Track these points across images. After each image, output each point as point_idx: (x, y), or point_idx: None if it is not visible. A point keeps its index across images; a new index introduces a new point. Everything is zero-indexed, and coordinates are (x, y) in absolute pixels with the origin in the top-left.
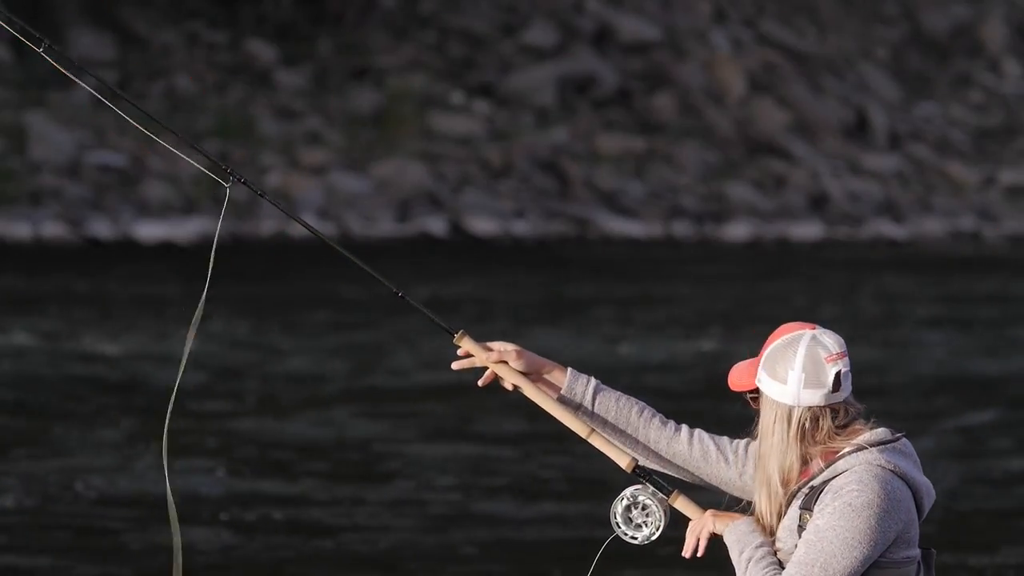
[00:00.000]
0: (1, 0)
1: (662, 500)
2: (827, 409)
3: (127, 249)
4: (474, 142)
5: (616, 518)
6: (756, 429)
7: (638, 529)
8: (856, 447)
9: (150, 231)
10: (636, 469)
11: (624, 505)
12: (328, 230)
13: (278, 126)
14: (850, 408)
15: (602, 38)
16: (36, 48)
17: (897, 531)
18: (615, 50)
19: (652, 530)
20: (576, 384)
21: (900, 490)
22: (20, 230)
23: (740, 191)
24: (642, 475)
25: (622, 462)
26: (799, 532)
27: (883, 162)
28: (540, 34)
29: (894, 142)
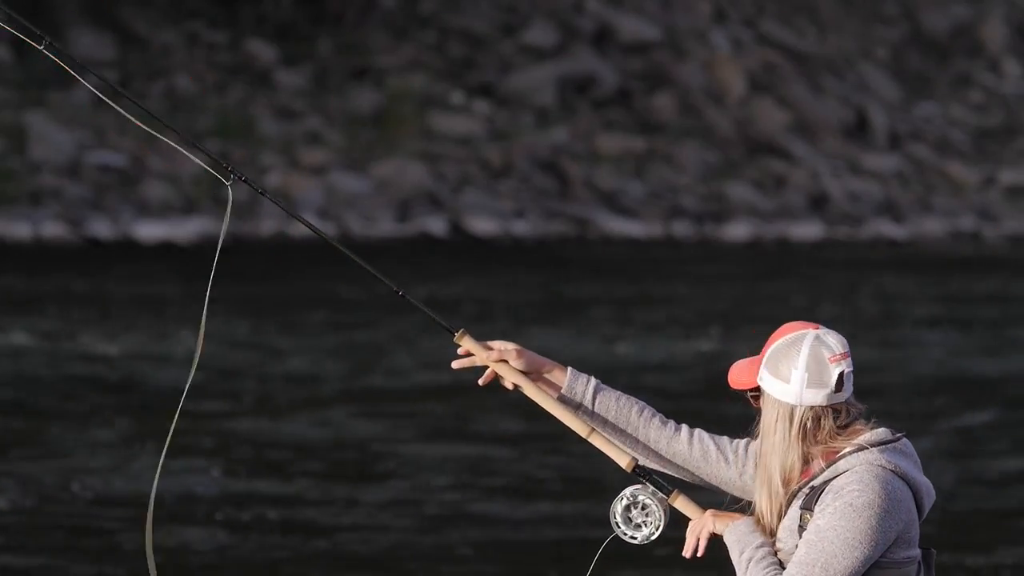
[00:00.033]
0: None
1: (662, 500)
2: (829, 409)
3: (127, 249)
4: (474, 142)
5: (615, 518)
6: (757, 428)
7: (637, 529)
8: (857, 447)
9: (150, 231)
10: (636, 469)
11: (624, 505)
12: (328, 230)
13: (278, 126)
14: (851, 408)
15: (602, 38)
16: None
17: (898, 531)
18: (615, 50)
19: (652, 530)
20: (576, 383)
21: (901, 490)
22: (20, 230)
23: (740, 191)
24: (642, 475)
25: (622, 462)
26: (799, 532)
27: (883, 162)
28: (540, 34)
29: (894, 142)
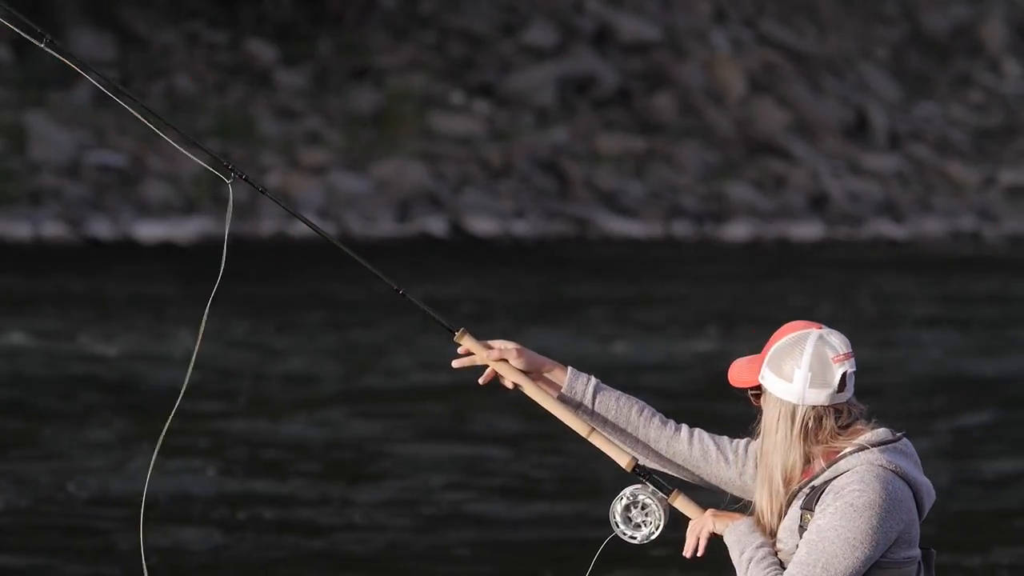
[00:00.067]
0: None
1: (662, 499)
2: (831, 409)
3: (127, 249)
4: (474, 142)
5: (615, 517)
6: (758, 427)
7: (637, 529)
8: (857, 447)
9: (150, 231)
10: (636, 468)
11: (624, 504)
12: (328, 230)
13: (278, 126)
14: (853, 409)
15: (602, 38)
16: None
17: (898, 531)
18: (615, 50)
19: (651, 529)
20: (576, 383)
21: (901, 490)
22: (20, 230)
23: (740, 191)
24: (642, 474)
25: (622, 461)
26: (800, 532)
27: (883, 162)
28: (540, 34)
29: (894, 142)
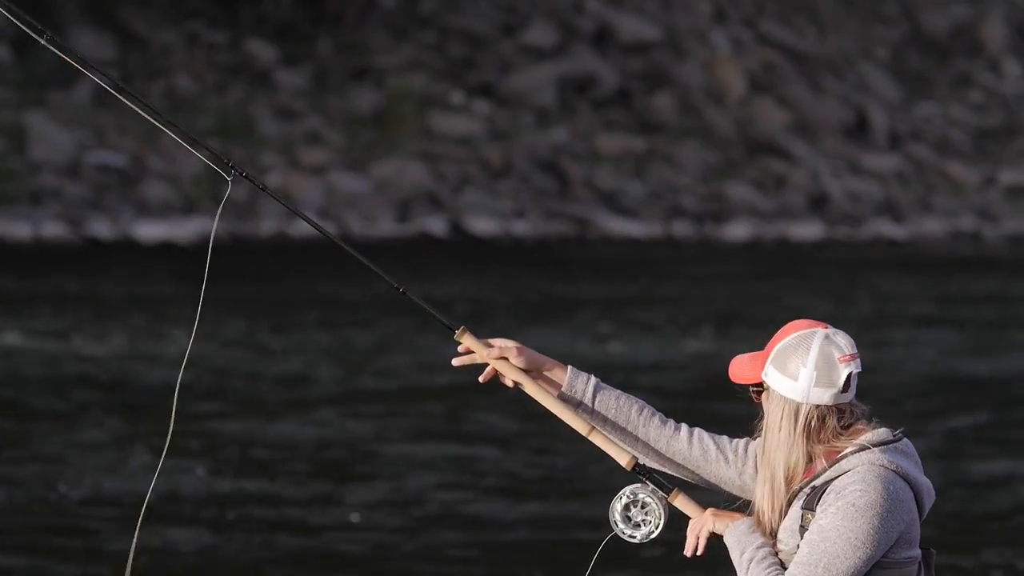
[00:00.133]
0: None
1: (662, 498)
2: (834, 408)
3: (127, 249)
4: (474, 142)
5: (615, 516)
6: (759, 425)
7: (637, 528)
8: (858, 447)
9: (150, 231)
10: (636, 467)
11: (623, 503)
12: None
13: (278, 126)
14: (855, 409)
15: (602, 38)
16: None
17: (899, 531)
18: (615, 50)
19: (651, 528)
20: (576, 382)
21: (902, 490)
22: (20, 230)
23: (740, 191)
24: (642, 473)
25: (622, 460)
26: (801, 532)
27: (883, 162)
28: (540, 34)
29: (894, 142)
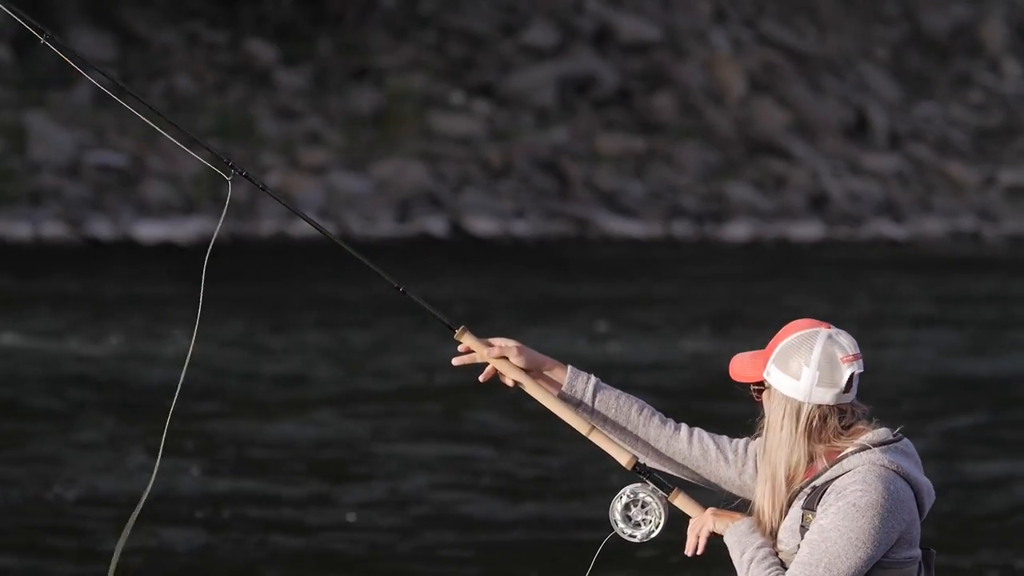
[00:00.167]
0: None
1: (662, 497)
2: (835, 408)
3: (127, 249)
4: (474, 142)
5: (615, 515)
6: (760, 424)
7: (637, 527)
8: (859, 447)
9: (150, 231)
10: (636, 466)
11: (624, 503)
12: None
13: (278, 126)
14: (856, 409)
15: (602, 38)
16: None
17: (900, 531)
18: (615, 50)
19: (651, 528)
20: (576, 381)
21: (903, 490)
22: (20, 230)
23: (740, 191)
24: (642, 472)
25: (622, 459)
26: (801, 532)
27: (883, 162)
28: (540, 34)
29: (894, 142)
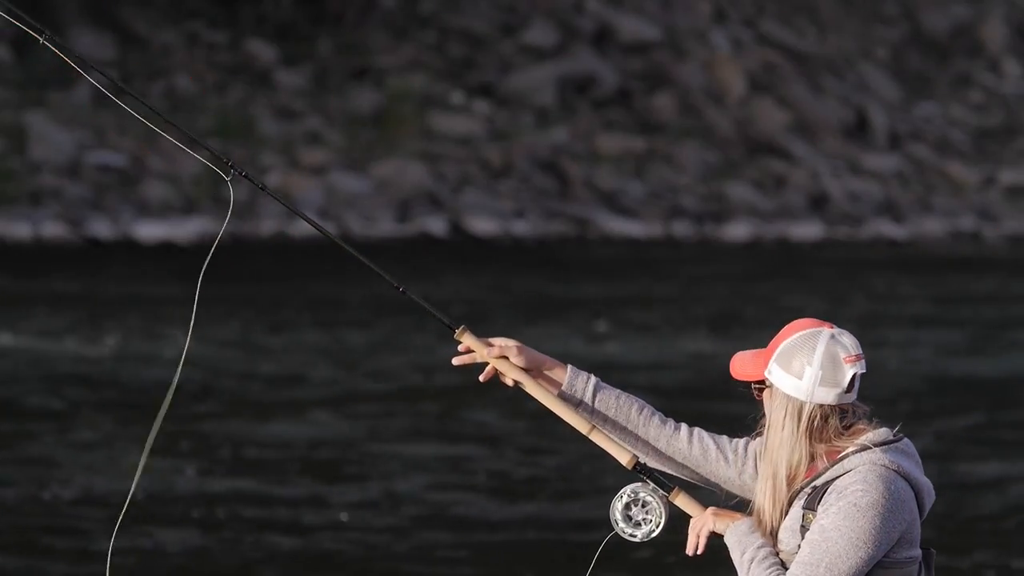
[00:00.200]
0: None
1: (663, 497)
2: (837, 408)
3: (127, 249)
4: (474, 142)
5: (616, 515)
6: (760, 422)
7: (637, 527)
8: (860, 447)
9: (150, 231)
10: (637, 466)
11: (624, 502)
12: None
13: (278, 126)
14: (857, 409)
15: (602, 38)
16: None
17: (901, 531)
18: (615, 50)
19: (652, 527)
20: (576, 381)
21: (904, 490)
22: (20, 230)
23: (740, 191)
24: (642, 472)
25: (623, 458)
26: (802, 532)
27: (883, 162)
28: (540, 34)
29: (894, 142)
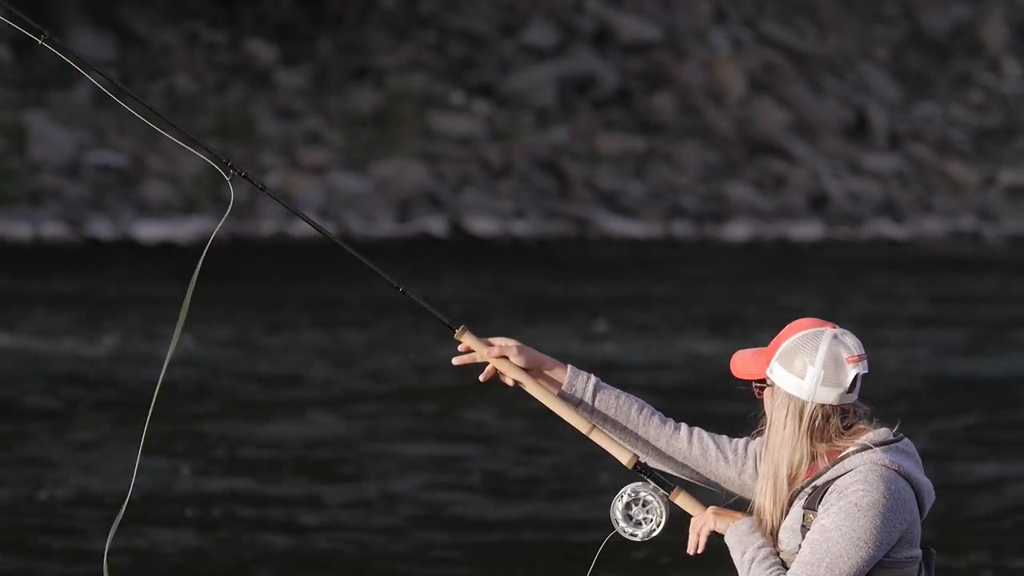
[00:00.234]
0: None
1: (663, 496)
2: (838, 408)
3: (127, 249)
4: (474, 142)
5: (616, 514)
6: (761, 421)
7: (638, 526)
8: (860, 447)
9: (150, 231)
10: (637, 465)
11: (625, 502)
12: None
13: (278, 126)
14: (858, 410)
15: (602, 38)
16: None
17: (901, 531)
18: (615, 50)
19: (653, 527)
20: (576, 381)
21: (904, 490)
22: (20, 230)
23: (740, 191)
24: (643, 471)
25: (623, 458)
26: (802, 532)
27: (883, 162)
28: (540, 34)
29: (894, 142)
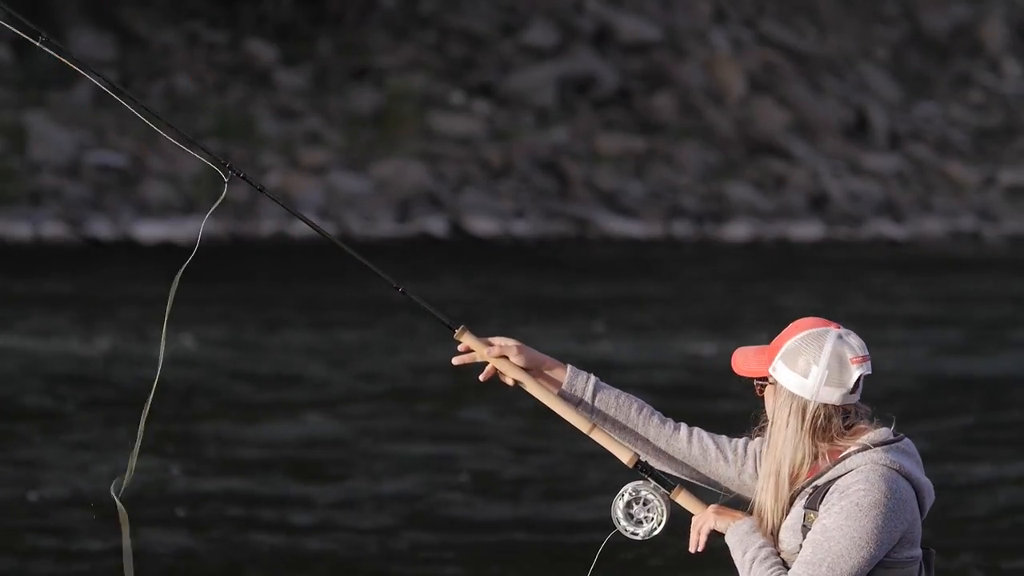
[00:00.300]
0: None
1: (664, 495)
2: (840, 408)
3: (127, 249)
4: (474, 142)
5: (617, 513)
6: (762, 420)
7: (639, 525)
8: (861, 446)
9: (150, 231)
10: (638, 464)
11: (626, 501)
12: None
13: (278, 126)
14: (859, 410)
15: (602, 38)
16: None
17: (902, 531)
18: (615, 50)
19: (654, 525)
20: (576, 380)
21: (905, 490)
22: (20, 230)
23: (740, 191)
24: (644, 470)
25: (624, 457)
26: (803, 532)
27: (883, 162)
28: (540, 34)
29: (894, 142)
